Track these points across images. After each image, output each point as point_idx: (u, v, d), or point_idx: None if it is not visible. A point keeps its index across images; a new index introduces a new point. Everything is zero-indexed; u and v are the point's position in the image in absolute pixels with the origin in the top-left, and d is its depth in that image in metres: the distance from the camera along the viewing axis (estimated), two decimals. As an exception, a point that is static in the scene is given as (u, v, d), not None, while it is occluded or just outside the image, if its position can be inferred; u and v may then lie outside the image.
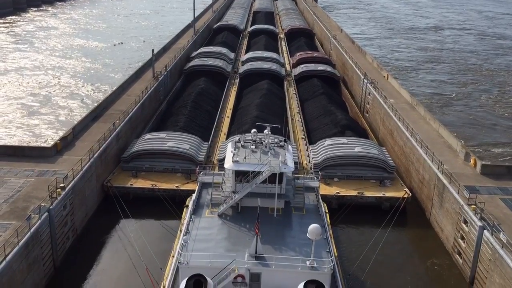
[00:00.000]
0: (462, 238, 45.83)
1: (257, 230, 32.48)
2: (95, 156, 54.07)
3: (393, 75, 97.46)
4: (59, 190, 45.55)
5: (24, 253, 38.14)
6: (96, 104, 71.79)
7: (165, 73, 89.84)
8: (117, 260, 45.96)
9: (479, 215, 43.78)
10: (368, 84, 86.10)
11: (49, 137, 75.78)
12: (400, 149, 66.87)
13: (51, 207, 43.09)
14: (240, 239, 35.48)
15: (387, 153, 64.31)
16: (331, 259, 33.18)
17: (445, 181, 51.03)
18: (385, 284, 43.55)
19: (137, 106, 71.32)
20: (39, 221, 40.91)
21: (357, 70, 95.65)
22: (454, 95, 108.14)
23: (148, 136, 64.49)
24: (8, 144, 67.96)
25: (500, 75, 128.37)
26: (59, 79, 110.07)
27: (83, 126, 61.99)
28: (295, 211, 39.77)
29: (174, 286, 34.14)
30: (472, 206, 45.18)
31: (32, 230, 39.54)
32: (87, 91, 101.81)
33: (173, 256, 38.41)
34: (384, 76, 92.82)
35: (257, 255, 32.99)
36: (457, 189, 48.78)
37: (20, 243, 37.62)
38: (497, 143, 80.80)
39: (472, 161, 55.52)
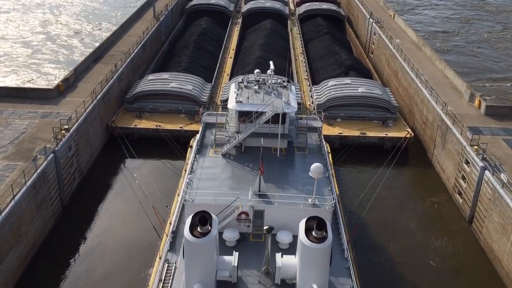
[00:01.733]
0: (463, 178, 46.38)
1: (261, 169, 32.87)
2: (98, 97, 53.97)
3: (399, 14, 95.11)
4: (64, 131, 45.82)
5: (32, 193, 38.92)
6: (97, 45, 70.86)
7: (166, 13, 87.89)
8: (123, 199, 46.97)
9: (481, 155, 44.06)
10: (373, 23, 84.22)
11: (51, 76, 75.43)
12: (404, 90, 66.35)
13: (56, 148, 43.52)
14: (244, 178, 36.00)
15: (390, 93, 63.87)
16: (333, 197, 33.78)
17: (448, 122, 51.00)
18: (384, 221, 44.60)
19: (138, 47, 70.34)
20: (45, 162, 41.45)
21: (363, 9, 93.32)
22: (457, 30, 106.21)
23: (151, 77, 64.07)
24: (11, 85, 67.63)
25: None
26: (58, 17, 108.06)
27: (84, 68, 61.49)
28: (297, 151, 40.07)
29: (180, 223, 35.02)
30: (475, 147, 45.37)
31: (38, 171, 40.14)
32: (87, 30, 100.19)
33: (178, 195, 39.17)
34: (390, 15, 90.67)
35: (260, 193, 33.59)
36: (460, 130, 48.81)
37: (28, 184, 38.32)
38: (501, 80, 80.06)
39: (476, 102, 55.22)
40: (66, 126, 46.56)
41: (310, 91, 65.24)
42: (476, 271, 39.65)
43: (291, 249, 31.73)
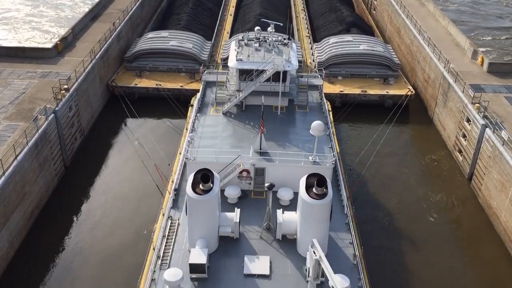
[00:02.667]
0: (464, 136, 46.45)
1: (262, 128, 32.92)
2: (97, 57, 53.43)
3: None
4: (63, 91, 45.62)
5: (34, 153, 39.13)
6: (95, 1, 69.58)
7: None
8: (125, 158, 47.28)
9: (482, 113, 43.96)
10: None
11: (49, 35, 74.52)
12: (406, 47, 65.54)
13: (56, 108, 43.44)
14: (245, 136, 36.11)
15: (392, 50, 63.14)
16: (333, 154, 33.97)
17: (450, 80, 50.63)
18: (384, 178, 45.00)
19: (136, 4, 69.12)
20: (46, 122, 41.47)
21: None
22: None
23: (150, 35, 63.24)
24: (9, 45, 66.84)
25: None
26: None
27: (82, 26, 60.59)
28: (298, 109, 40.03)
29: (182, 181, 35.38)
30: (476, 104, 45.22)
31: (40, 131, 40.22)
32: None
33: (180, 153, 39.41)
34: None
35: (261, 151, 33.77)
36: (462, 87, 48.52)
37: (30, 144, 38.47)
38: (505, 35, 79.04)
39: (479, 59, 54.64)
40: (66, 86, 46.32)
41: (311, 48, 64.49)
42: (474, 227, 40.30)
43: (291, 206, 32.20)
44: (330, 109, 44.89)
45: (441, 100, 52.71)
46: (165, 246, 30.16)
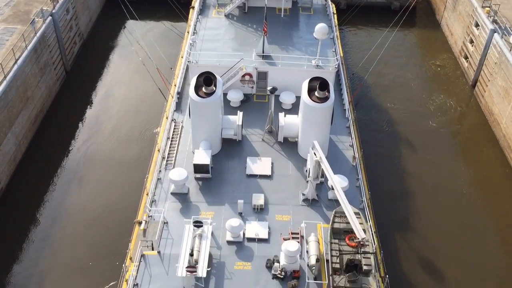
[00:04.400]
0: (471, 41, 45.42)
1: (265, 30, 32.21)
2: (92, -45, 51.03)
3: None
4: (60, -7, 44.09)
5: (34, 57, 38.65)
6: None
7: None
8: (127, 62, 46.75)
9: (491, 18, 42.65)
10: None
11: None
12: None
13: (53, 11, 42.22)
14: (247, 39, 35.44)
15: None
16: (336, 58, 33.56)
17: (461, -19, 48.61)
18: (387, 83, 44.68)
19: None
20: (44, 25, 40.51)
21: None
22: None
23: None
24: None
25: None
26: None
27: None
28: (302, 12, 38.90)
29: (185, 84, 35.33)
30: (486, 8, 43.72)
31: (38, 34, 39.41)
32: None
33: (182, 57, 38.93)
34: None
35: (264, 54, 33.32)
36: (472, -11, 46.67)
37: (29, 48, 37.87)
38: None
39: (493, -41, 51.94)
40: (62, -13, 44.66)
41: None
42: (474, 132, 40.69)
43: (293, 110, 32.42)
44: (335, 12, 43.59)
45: (451, 3, 50.90)
46: (170, 147, 30.83)
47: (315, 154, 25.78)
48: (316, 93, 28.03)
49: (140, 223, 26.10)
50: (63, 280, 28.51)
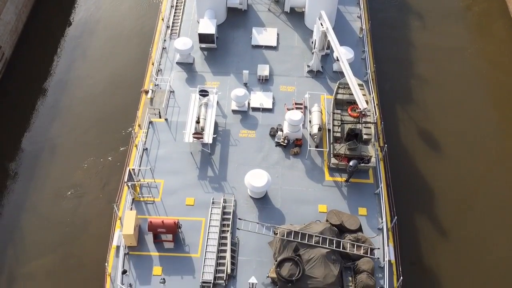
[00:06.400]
0: None
1: None
2: None
3: None
4: None
5: None
6: None
7: None
8: None
9: None
10: None
11: None
12: None
13: None
14: None
15: None
16: None
17: None
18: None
19: None
20: None
21: None
22: None
23: None
24: None
25: None
26: None
27: None
28: None
29: None
30: None
31: None
32: None
33: None
34: None
35: None
36: None
37: None
38: None
39: None
40: None
41: None
42: (488, 8, 38.97)
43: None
44: None
45: None
46: (174, 16, 30.26)
47: (321, 25, 25.36)
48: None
49: (147, 92, 26.59)
50: (74, 149, 29.30)
